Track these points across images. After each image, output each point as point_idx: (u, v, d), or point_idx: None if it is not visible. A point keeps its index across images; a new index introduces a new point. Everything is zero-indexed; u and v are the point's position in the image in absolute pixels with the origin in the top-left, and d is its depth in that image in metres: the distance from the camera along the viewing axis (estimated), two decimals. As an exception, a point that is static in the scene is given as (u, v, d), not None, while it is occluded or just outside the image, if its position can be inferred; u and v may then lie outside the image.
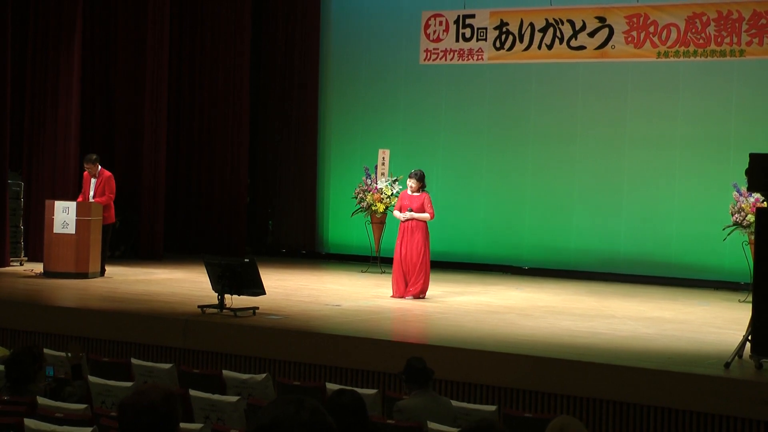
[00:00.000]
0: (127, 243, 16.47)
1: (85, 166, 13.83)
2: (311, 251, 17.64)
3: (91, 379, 7.35)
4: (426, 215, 11.97)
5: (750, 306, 8.39)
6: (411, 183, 12.08)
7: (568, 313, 11.34)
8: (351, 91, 17.45)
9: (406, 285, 11.95)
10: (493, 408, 7.07)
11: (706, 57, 14.73)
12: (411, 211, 11.94)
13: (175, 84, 17.55)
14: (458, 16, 16.33)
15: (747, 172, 8.55)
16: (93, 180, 13.71)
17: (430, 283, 12.16)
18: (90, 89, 16.34)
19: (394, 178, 15.37)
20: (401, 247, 11.98)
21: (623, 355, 8.57)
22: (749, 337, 8.19)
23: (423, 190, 12.08)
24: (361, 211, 15.39)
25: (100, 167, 13.75)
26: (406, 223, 11.98)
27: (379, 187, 15.28)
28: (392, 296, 12.00)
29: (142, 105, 16.47)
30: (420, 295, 11.97)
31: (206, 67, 17.69)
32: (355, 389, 6.87)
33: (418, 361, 6.97)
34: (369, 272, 15.23)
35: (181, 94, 17.80)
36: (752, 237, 12.08)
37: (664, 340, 9.57)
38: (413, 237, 11.95)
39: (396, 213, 12.20)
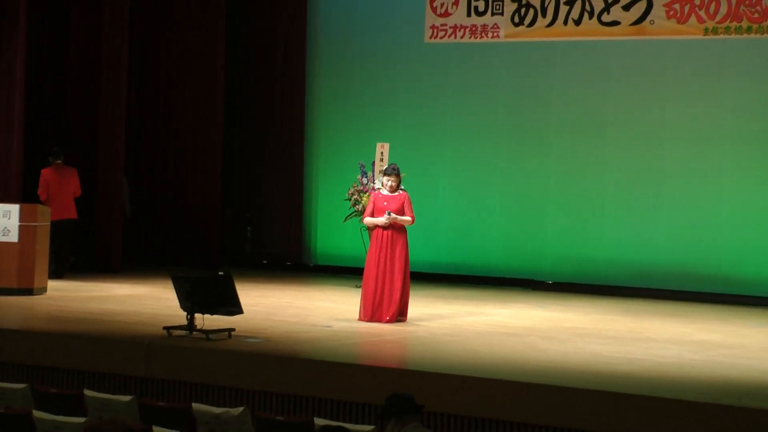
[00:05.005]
0: (80, 253, 16.42)
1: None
2: (297, 263, 17.59)
3: (37, 414, 7.29)
4: (408, 218, 11.66)
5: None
6: (390, 180, 11.70)
7: (599, 336, 11.31)
8: (344, 75, 17.41)
9: (383, 307, 11.59)
10: (511, 448, 7.04)
11: (762, 34, 14.69)
12: (390, 213, 11.52)
13: (137, 69, 17.52)
14: (470, -13, 16.33)
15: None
16: None
17: (430, 299, 11.97)
18: (36, 75, 16.31)
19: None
20: (379, 260, 11.64)
21: (665, 386, 8.53)
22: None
23: (401, 189, 11.84)
24: (356, 215, 15.33)
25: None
26: (385, 230, 11.65)
27: (377, 187, 15.21)
28: (360, 319, 11.69)
29: (97, 94, 16.45)
30: (403, 318, 11.70)
31: (173, 48, 17.64)
32: (347, 425, 6.83)
33: (403, 395, 6.97)
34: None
35: (143, 80, 17.78)
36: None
37: (713, 367, 9.54)
38: (394, 249, 11.60)
39: (369, 220, 11.78)
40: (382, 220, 11.62)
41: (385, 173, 11.97)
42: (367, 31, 17.25)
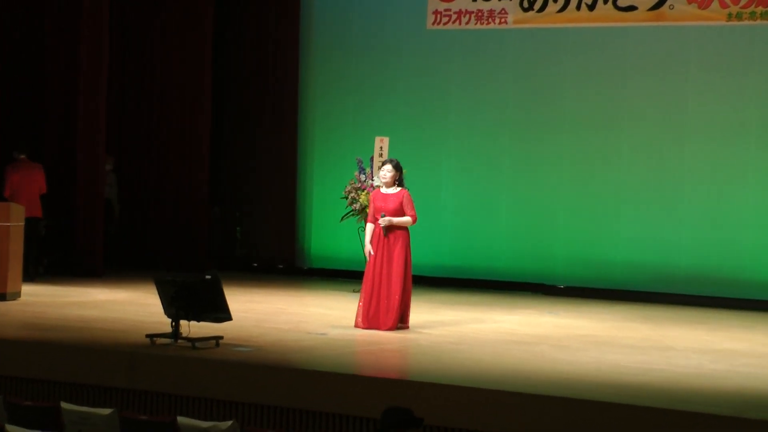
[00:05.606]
0: (53, 254, 16.42)
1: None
2: (290, 265, 17.61)
3: (10, 428, 7.28)
4: (407, 219, 11.66)
5: None
6: (386, 173, 11.72)
7: (614, 344, 11.32)
8: (340, 65, 17.42)
9: (380, 314, 11.60)
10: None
11: (789, 20, 14.73)
12: (384, 216, 11.53)
13: (120, 62, 17.53)
14: (476, -31, 16.34)
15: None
16: None
17: (432, 305, 12.00)
18: (11, 70, 16.32)
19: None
20: (376, 263, 11.64)
21: (684, 398, 8.53)
22: None
23: (401, 186, 11.82)
24: (353, 214, 15.34)
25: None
26: (383, 231, 11.62)
27: (375, 184, 15.20)
28: (356, 326, 11.72)
29: (75, 86, 16.44)
30: (404, 325, 11.74)
31: (158, 36, 17.65)
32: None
33: (401, 408, 6.95)
34: (363, 292, 15.20)
35: (127, 74, 17.80)
36: None
37: (737, 378, 9.54)
38: (392, 251, 11.59)
39: (367, 232, 11.73)
40: (367, 248, 11.66)
41: (383, 163, 11.99)
42: (364, 17, 17.24)
